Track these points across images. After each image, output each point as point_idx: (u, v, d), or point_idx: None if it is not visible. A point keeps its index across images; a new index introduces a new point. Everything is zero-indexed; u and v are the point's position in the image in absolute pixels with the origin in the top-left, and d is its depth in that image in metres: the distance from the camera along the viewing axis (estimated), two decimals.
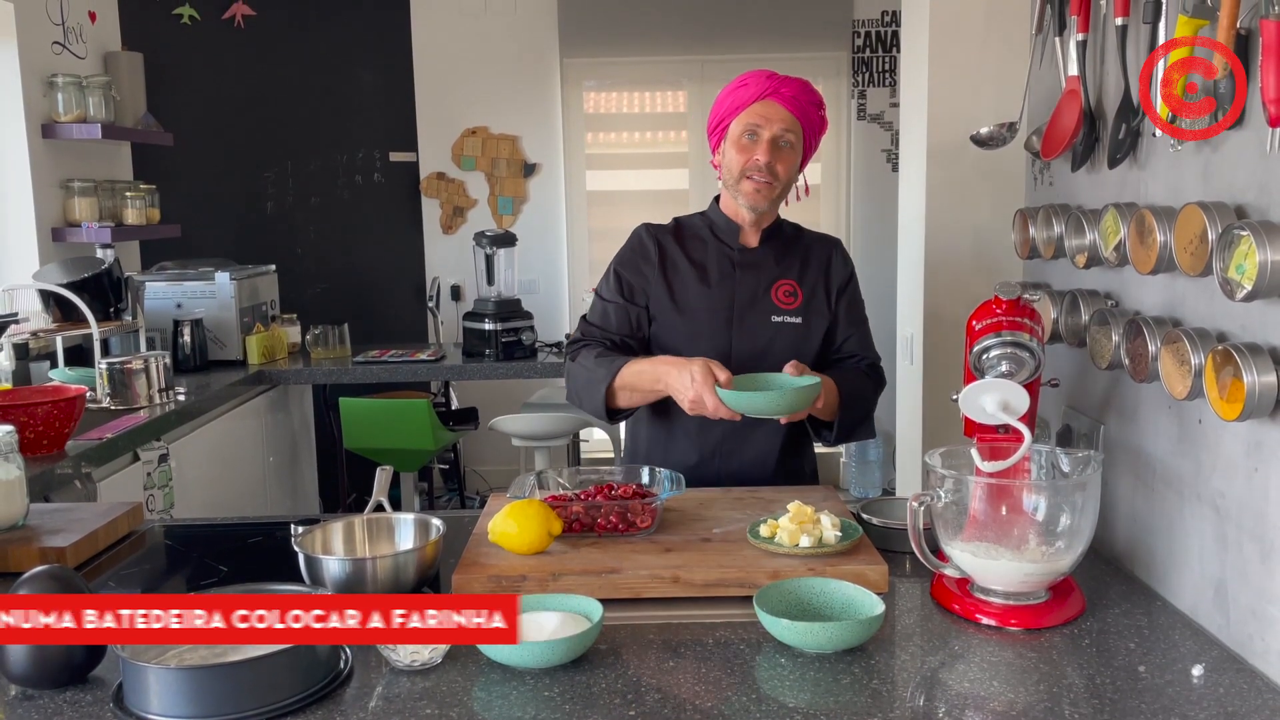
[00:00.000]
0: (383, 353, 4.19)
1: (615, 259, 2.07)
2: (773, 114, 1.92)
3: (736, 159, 1.95)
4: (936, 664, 1.32)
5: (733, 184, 1.97)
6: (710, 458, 2.00)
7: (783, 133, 1.92)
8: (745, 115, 1.93)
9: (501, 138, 5.24)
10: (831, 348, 2.05)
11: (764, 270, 2.02)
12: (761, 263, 2.02)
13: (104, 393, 3.06)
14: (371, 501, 1.66)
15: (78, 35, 4.28)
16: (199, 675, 1.18)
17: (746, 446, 2.00)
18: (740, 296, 2.00)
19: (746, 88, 1.94)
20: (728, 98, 1.97)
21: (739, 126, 1.94)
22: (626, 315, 2.02)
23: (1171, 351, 1.40)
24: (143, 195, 4.37)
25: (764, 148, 1.92)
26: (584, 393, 1.97)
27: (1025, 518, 1.42)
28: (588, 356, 1.98)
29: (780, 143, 1.93)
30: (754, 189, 1.94)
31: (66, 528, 1.76)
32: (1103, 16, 1.74)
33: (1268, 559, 1.28)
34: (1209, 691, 1.23)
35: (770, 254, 2.03)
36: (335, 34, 5.06)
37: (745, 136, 1.93)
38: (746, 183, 1.94)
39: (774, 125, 1.92)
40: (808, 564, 1.50)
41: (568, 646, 1.28)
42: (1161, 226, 1.44)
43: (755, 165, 1.92)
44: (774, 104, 1.92)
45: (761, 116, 1.92)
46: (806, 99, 1.95)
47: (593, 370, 1.94)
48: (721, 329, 1.98)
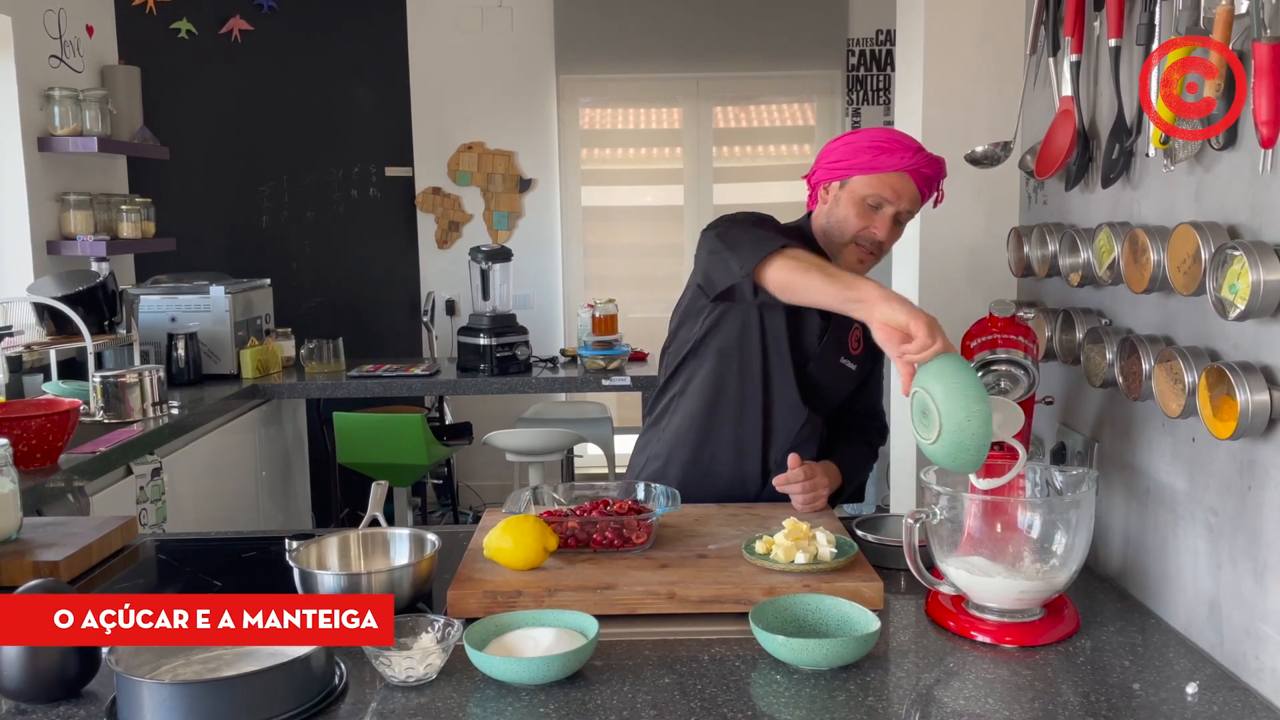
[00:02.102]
0: (377, 367, 4.19)
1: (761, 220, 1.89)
2: (905, 191, 1.84)
3: (853, 222, 1.86)
4: (931, 681, 1.32)
5: (840, 241, 1.89)
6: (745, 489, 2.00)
7: (907, 211, 1.86)
8: (878, 181, 1.84)
9: (497, 153, 5.26)
10: (855, 396, 2.06)
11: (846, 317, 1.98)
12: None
13: (97, 406, 3.05)
14: (367, 516, 1.65)
15: (75, 49, 4.29)
16: (193, 690, 1.18)
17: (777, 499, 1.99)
18: (830, 329, 1.95)
19: (891, 154, 1.83)
20: (865, 151, 1.85)
21: (866, 188, 1.84)
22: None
23: (1165, 370, 1.41)
24: (138, 209, 4.37)
25: (885, 224, 1.85)
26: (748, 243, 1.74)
27: (1020, 535, 1.42)
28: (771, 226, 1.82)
29: (899, 219, 1.87)
30: (858, 260, 1.88)
31: (60, 541, 1.75)
32: (1096, 38, 1.76)
33: (1262, 577, 1.28)
34: (1203, 709, 1.23)
35: None
36: (332, 49, 5.08)
37: (869, 202, 1.85)
38: (853, 250, 1.88)
39: (902, 202, 1.84)
40: (803, 580, 1.50)
41: (563, 662, 1.28)
42: (1155, 246, 1.45)
43: (870, 237, 1.86)
44: (911, 181, 1.84)
45: (894, 191, 1.83)
46: (939, 178, 1.89)
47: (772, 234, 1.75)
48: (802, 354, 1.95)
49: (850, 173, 1.86)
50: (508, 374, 4.08)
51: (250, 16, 5.00)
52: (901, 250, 2.72)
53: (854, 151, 1.86)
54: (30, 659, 1.24)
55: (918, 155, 1.84)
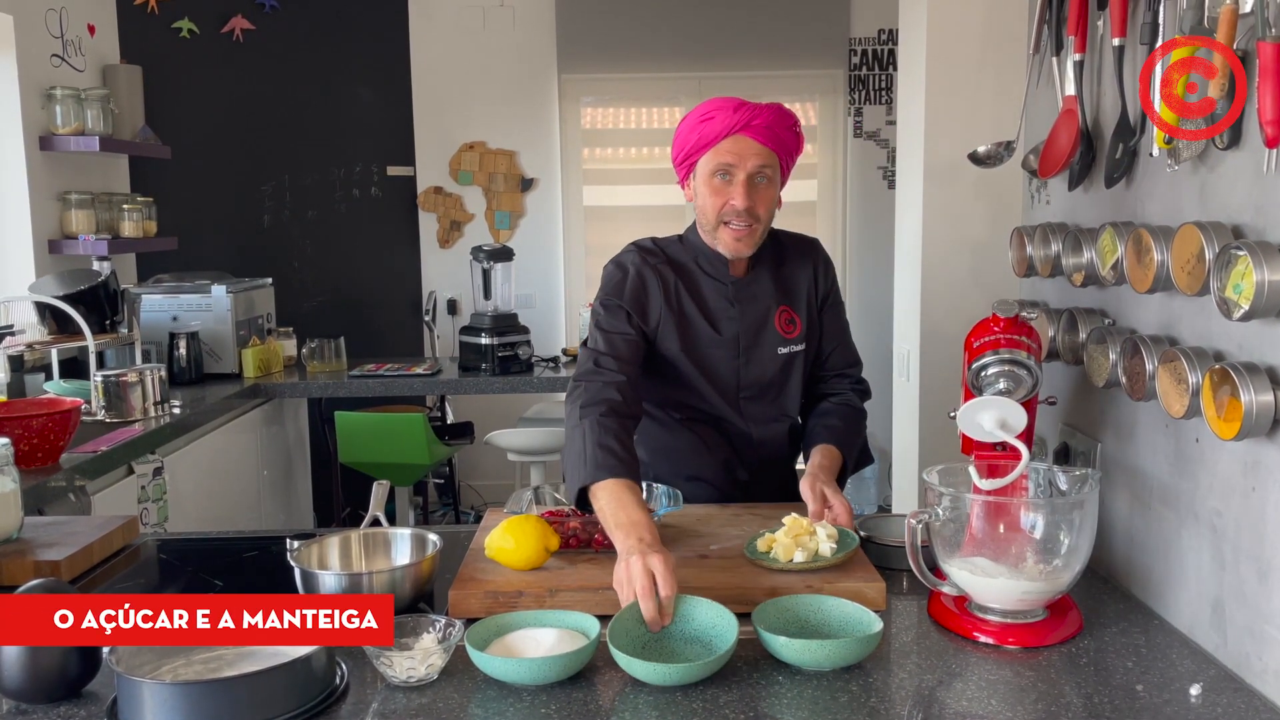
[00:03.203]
0: (378, 367, 4.18)
1: (611, 290, 1.87)
2: (745, 150, 1.75)
3: (711, 201, 1.79)
4: (934, 682, 1.32)
5: (710, 229, 1.83)
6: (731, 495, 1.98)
7: (758, 169, 1.76)
8: (715, 153, 1.77)
9: (499, 153, 5.25)
10: (819, 362, 1.99)
11: (761, 301, 1.91)
12: (758, 293, 1.91)
13: (99, 405, 3.05)
14: (368, 516, 1.65)
15: (77, 48, 4.29)
16: (194, 690, 1.17)
17: (765, 482, 1.99)
18: (745, 332, 1.89)
19: (713, 121, 1.76)
20: (693, 131, 1.79)
21: (709, 164, 1.78)
22: (639, 349, 1.84)
23: (1169, 370, 1.40)
24: (140, 208, 4.37)
25: (740, 191, 1.76)
26: (570, 469, 1.68)
27: (1023, 536, 1.42)
28: (595, 427, 1.67)
29: (756, 180, 1.77)
30: (734, 237, 1.80)
31: (61, 541, 1.75)
32: (1100, 37, 1.76)
33: (1265, 578, 1.28)
34: (1207, 711, 1.22)
35: (763, 281, 1.92)
36: (334, 48, 5.08)
37: (717, 177, 1.78)
38: (725, 230, 1.80)
39: (748, 163, 1.75)
40: (805, 580, 1.49)
41: (565, 663, 1.27)
42: (1159, 246, 1.45)
43: (732, 210, 1.77)
44: (746, 139, 1.75)
45: (733, 154, 1.75)
46: (781, 126, 1.78)
47: (586, 455, 1.65)
48: (729, 365, 1.90)
49: (692, 157, 1.81)
50: (509, 373, 4.08)
51: (252, 16, 5.00)
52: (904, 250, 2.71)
53: (685, 136, 1.81)
54: (31, 659, 1.24)
55: (739, 111, 1.75)
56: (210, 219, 5.05)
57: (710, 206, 1.80)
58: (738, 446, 1.96)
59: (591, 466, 1.63)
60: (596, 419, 1.68)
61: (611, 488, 1.58)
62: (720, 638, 1.35)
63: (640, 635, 1.36)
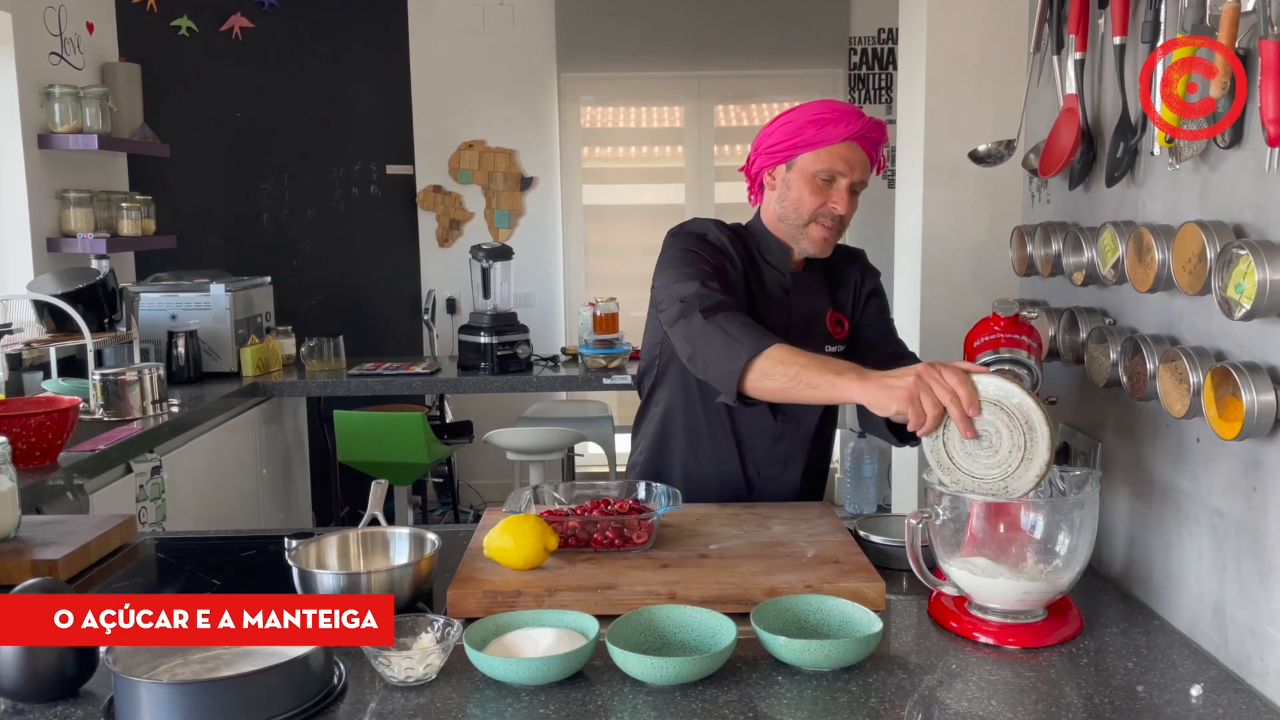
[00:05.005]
0: (378, 365, 4.18)
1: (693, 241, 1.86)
2: (856, 160, 1.79)
3: (809, 200, 1.81)
4: (934, 682, 1.31)
5: (798, 224, 1.84)
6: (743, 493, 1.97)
7: (860, 181, 1.81)
8: (826, 155, 1.79)
9: (499, 151, 5.25)
10: (880, 351, 1.93)
11: (815, 297, 1.94)
12: (813, 289, 1.94)
13: (97, 404, 3.05)
14: (366, 515, 1.65)
15: (75, 46, 4.29)
16: (191, 690, 1.17)
17: (777, 482, 1.98)
18: (795, 323, 1.89)
19: (835, 125, 1.78)
20: (807, 126, 1.80)
21: (816, 164, 1.79)
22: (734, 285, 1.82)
23: (1170, 370, 1.40)
24: (138, 206, 4.36)
25: (843, 197, 1.80)
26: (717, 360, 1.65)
27: (1023, 536, 1.41)
28: (733, 319, 1.66)
29: (855, 189, 1.82)
30: (824, 236, 1.83)
31: (59, 540, 1.75)
32: (1101, 35, 1.75)
33: (1266, 579, 1.28)
34: (1208, 712, 1.22)
35: (819, 280, 1.95)
36: (333, 46, 5.07)
37: (822, 178, 1.80)
38: (816, 228, 1.83)
39: (856, 172, 1.79)
40: (805, 580, 1.49)
41: (563, 663, 1.27)
42: (1160, 245, 1.44)
43: (829, 213, 1.81)
44: (859, 149, 1.79)
45: (845, 162, 1.78)
46: (882, 144, 1.84)
47: (738, 336, 1.63)
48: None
49: (795, 152, 1.81)
50: (508, 372, 4.08)
51: (251, 14, 4.99)
52: (904, 249, 2.71)
53: (795, 130, 1.81)
54: (28, 658, 1.23)
55: (861, 121, 1.79)
56: (209, 217, 5.05)
57: (808, 204, 1.82)
58: (757, 442, 1.95)
59: (752, 339, 1.61)
60: (728, 313, 1.67)
61: (782, 349, 1.58)
62: (719, 638, 1.34)
63: (640, 640, 1.35)
